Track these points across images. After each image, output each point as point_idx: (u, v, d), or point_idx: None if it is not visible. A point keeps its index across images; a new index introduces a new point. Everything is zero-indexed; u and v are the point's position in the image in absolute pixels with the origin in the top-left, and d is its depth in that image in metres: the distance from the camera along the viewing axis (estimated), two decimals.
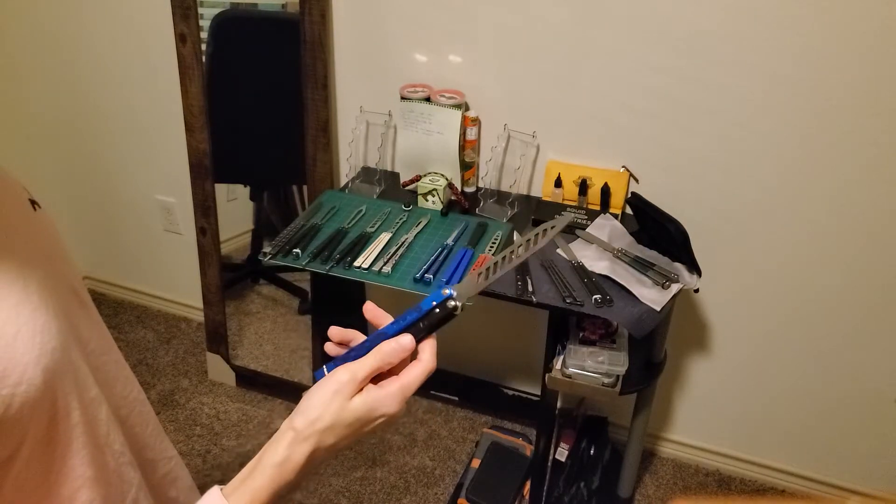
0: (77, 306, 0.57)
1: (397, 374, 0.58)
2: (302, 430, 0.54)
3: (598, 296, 1.26)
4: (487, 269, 0.60)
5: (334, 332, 0.63)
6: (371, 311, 0.63)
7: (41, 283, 0.50)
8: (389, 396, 0.56)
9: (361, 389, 0.56)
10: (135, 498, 0.59)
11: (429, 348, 0.59)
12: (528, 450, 1.79)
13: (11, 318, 0.45)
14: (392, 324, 0.60)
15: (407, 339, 0.58)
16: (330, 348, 0.63)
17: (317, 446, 0.54)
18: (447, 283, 0.61)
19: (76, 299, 0.58)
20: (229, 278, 2.10)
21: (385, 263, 1.37)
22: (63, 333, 0.50)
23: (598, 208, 1.54)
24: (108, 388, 0.58)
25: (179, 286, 2.30)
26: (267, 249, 1.43)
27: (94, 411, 0.55)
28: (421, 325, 0.59)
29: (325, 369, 0.58)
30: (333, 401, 0.54)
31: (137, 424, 0.64)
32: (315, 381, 0.57)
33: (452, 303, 0.59)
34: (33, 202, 0.58)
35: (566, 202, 1.57)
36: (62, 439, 0.50)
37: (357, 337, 0.62)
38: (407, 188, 1.65)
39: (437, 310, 0.59)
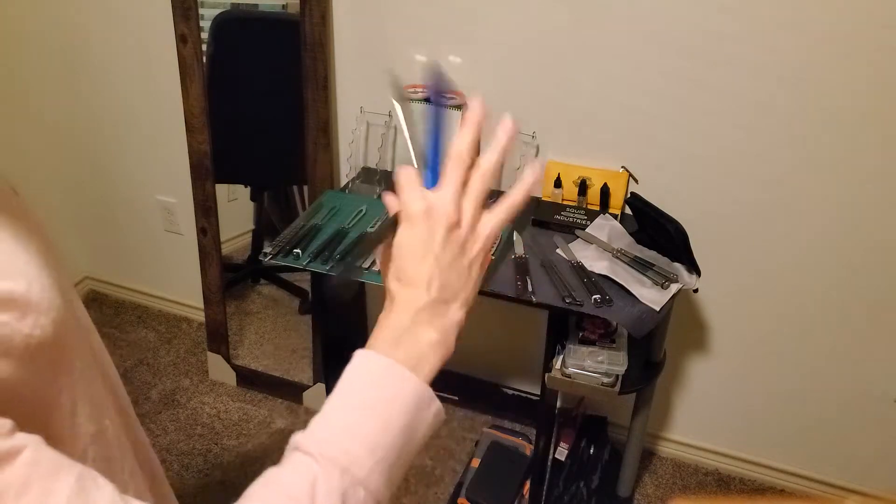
0: (66, 280, 0.58)
1: None
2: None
3: (597, 296, 1.27)
4: None
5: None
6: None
7: (38, 251, 0.52)
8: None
9: None
10: (132, 468, 0.59)
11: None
12: (528, 449, 1.79)
13: (24, 272, 0.47)
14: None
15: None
16: None
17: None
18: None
19: (65, 274, 0.59)
20: (230, 278, 2.10)
21: None
22: (64, 294, 0.52)
23: (597, 208, 1.55)
24: (98, 360, 0.60)
25: (180, 286, 2.30)
26: (267, 249, 1.43)
27: (93, 373, 0.56)
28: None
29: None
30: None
31: (124, 404, 0.65)
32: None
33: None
34: (14, 190, 0.59)
35: (565, 202, 1.57)
36: (69, 392, 0.51)
37: None
38: None
39: None
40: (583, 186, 1.54)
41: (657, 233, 1.39)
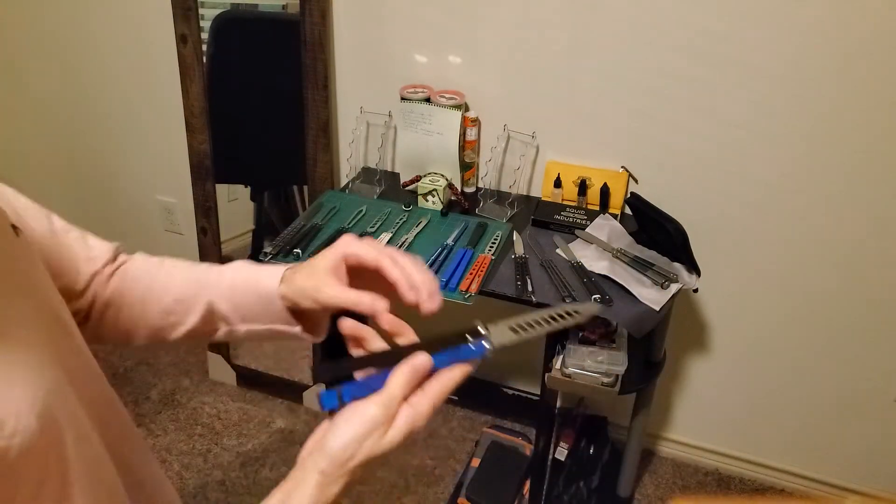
0: (62, 336, 0.56)
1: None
2: (331, 473, 0.51)
3: (597, 296, 1.27)
4: (521, 326, 0.56)
5: (348, 324, 0.58)
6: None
7: (28, 319, 0.49)
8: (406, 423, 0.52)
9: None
10: None
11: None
12: (528, 449, 1.79)
13: (4, 367, 0.44)
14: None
15: (422, 359, 0.53)
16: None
17: (349, 481, 0.51)
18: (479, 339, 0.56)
19: (60, 328, 0.56)
20: None
21: None
22: (54, 371, 0.49)
23: (597, 208, 1.55)
24: (96, 416, 0.57)
25: None
26: (268, 250, 1.43)
27: (89, 446, 0.53)
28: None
29: (337, 396, 0.53)
30: (367, 440, 0.51)
31: (126, 448, 0.63)
32: (322, 405, 0.53)
33: (486, 347, 0.54)
34: (14, 227, 0.56)
35: (565, 202, 1.58)
36: (63, 479, 0.49)
37: (370, 336, 0.58)
38: (407, 188, 1.66)
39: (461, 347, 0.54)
40: (583, 186, 1.54)
41: (657, 233, 1.39)
